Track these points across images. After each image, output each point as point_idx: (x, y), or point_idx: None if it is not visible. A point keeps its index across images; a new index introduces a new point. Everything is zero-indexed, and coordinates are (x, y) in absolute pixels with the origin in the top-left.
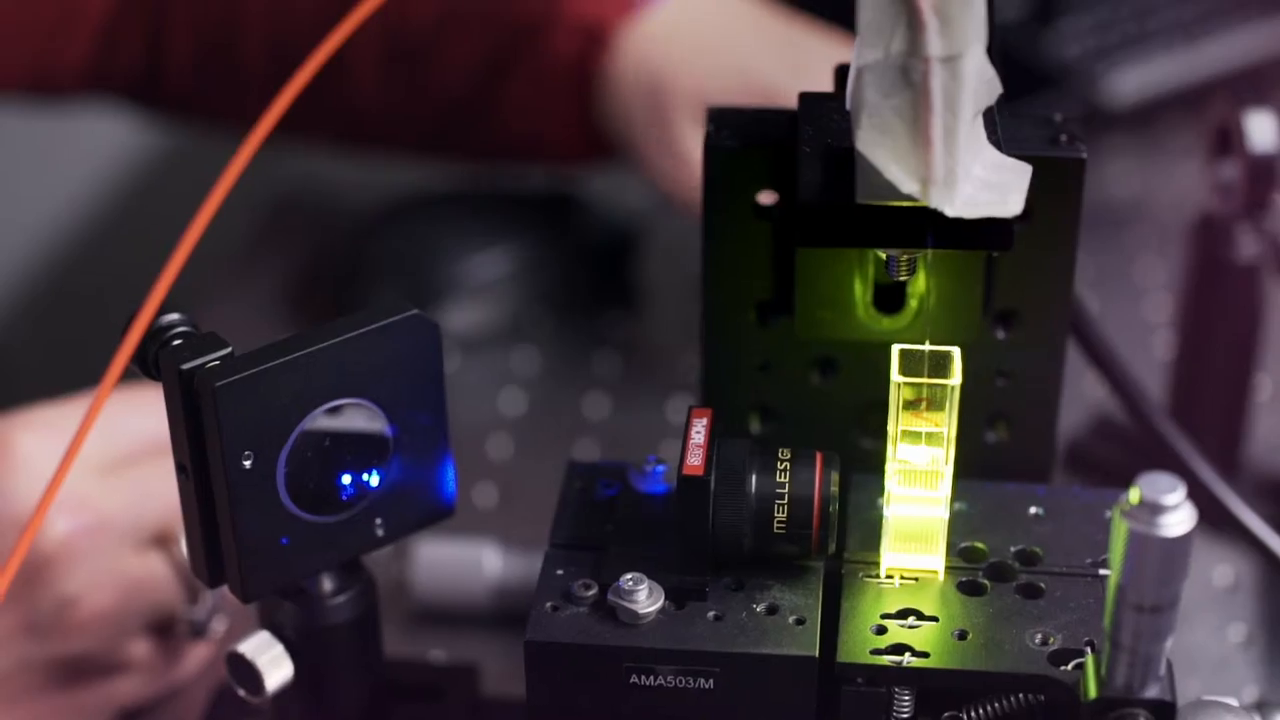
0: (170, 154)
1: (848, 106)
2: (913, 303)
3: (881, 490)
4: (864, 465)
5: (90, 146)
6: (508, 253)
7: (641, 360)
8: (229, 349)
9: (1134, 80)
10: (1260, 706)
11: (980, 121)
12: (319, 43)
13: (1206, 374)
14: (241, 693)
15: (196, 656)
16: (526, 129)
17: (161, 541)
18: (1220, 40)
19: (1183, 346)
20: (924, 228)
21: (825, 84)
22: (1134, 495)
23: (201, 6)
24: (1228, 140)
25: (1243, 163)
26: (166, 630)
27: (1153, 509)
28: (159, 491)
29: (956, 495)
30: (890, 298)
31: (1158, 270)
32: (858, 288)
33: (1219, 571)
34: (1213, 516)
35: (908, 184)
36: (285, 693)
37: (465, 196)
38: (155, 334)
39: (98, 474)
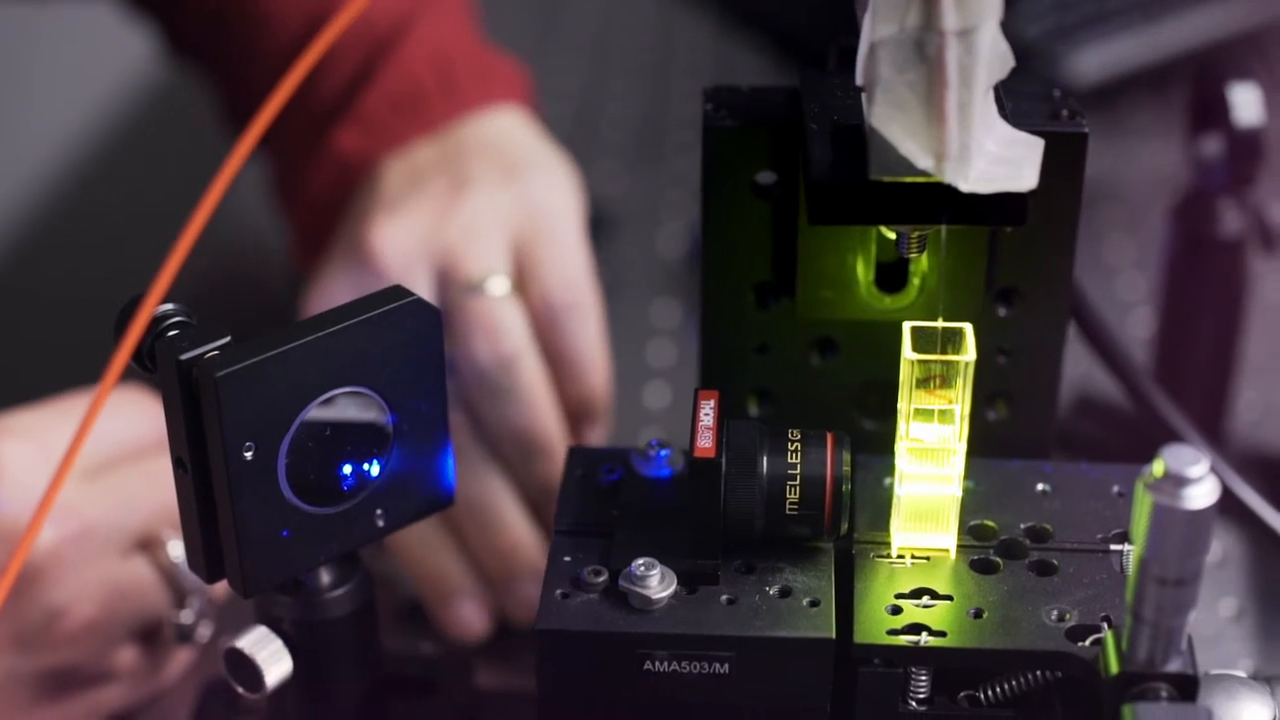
0: (108, 147)
1: (859, 82)
2: (915, 281)
3: (887, 470)
4: (864, 446)
5: (31, 136)
6: None
7: (615, 347)
8: (227, 338)
9: (1095, 60)
10: (1269, 680)
11: (992, 96)
12: None
13: (1190, 350)
14: (239, 690)
15: (181, 660)
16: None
17: (146, 546)
18: (1180, 18)
19: (1165, 323)
20: (938, 203)
21: None
22: (1158, 468)
23: None
24: (1209, 115)
25: (1227, 137)
26: (152, 636)
27: (1177, 481)
28: (141, 495)
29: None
30: (892, 276)
31: (1128, 249)
32: (860, 267)
33: None
34: None
35: (922, 159)
36: (282, 689)
37: None
38: (150, 325)
39: (79, 480)
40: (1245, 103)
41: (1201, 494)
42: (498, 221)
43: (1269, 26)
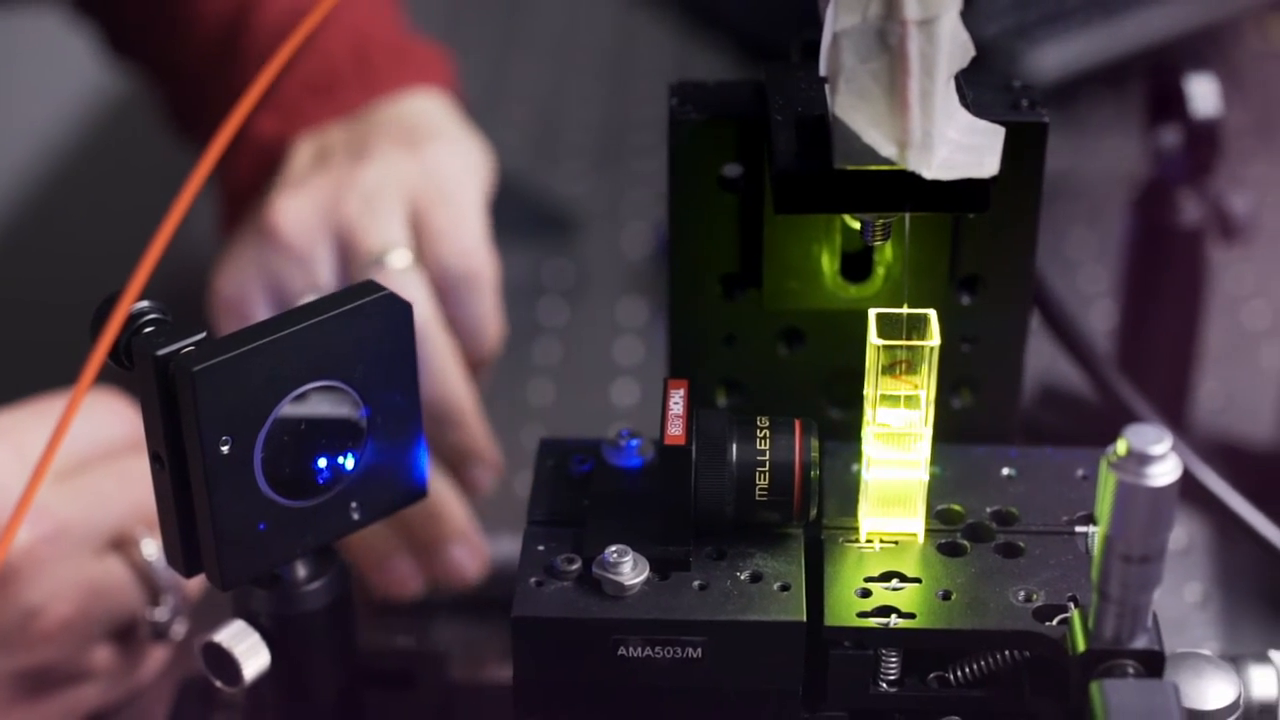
0: (80, 148)
1: (823, 72)
2: (879, 270)
3: (854, 457)
4: (832, 435)
5: (2, 139)
6: None
7: (580, 346)
8: (203, 334)
9: (1054, 57)
10: (1231, 659)
11: (953, 85)
12: None
13: (1151, 340)
14: (217, 683)
15: (157, 658)
16: None
17: (119, 545)
18: (1137, 15)
19: (1125, 314)
20: (902, 191)
21: None
22: (1121, 446)
23: None
24: (1167, 106)
25: (1184, 128)
26: (128, 635)
27: (1140, 459)
28: (113, 494)
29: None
30: (857, 266)
31: (1089, 242)
32: (825, 257)
33: (1172, 533)
34: None
35: (886, 148)
36: (259, 682)
37: None
38: (126, 322)
39: (51, 481)
40: (1202, 94)
41: (1164, 471)
42: (395, 189)
43: (1226, 22)
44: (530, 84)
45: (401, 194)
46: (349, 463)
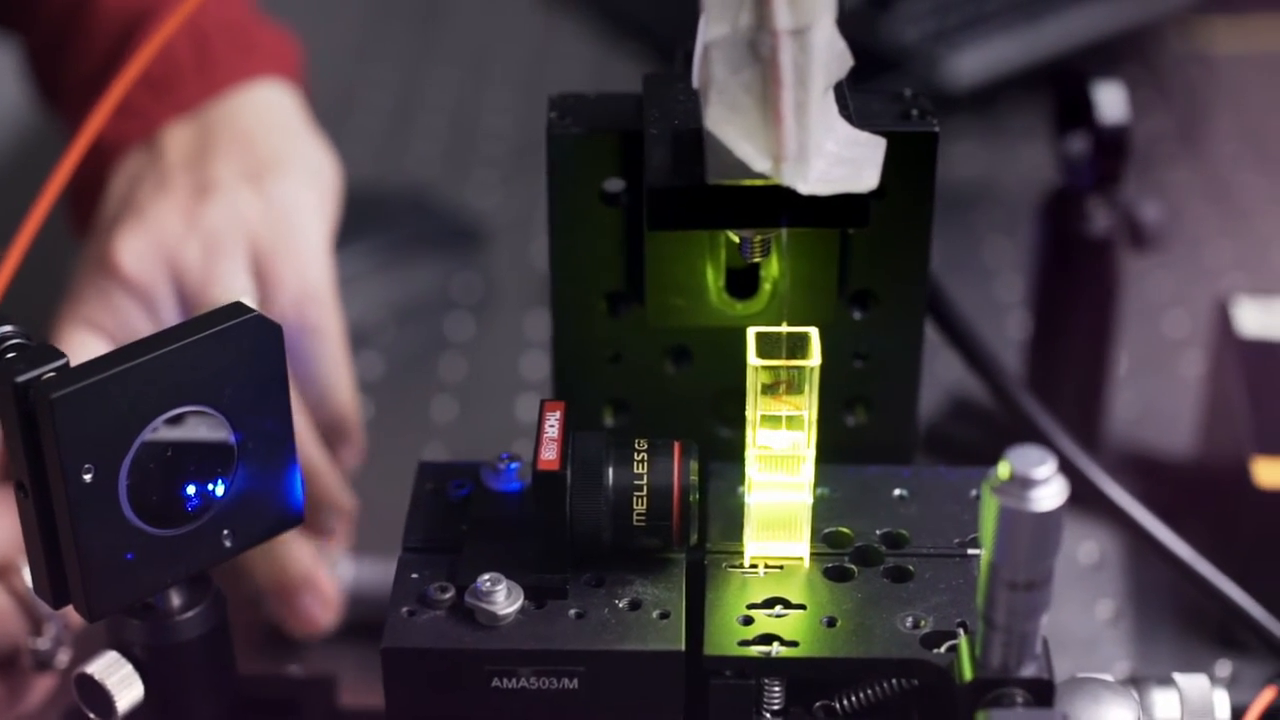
0: None
1: (695, 84)
2: (766, 286)
3: (741, 478)
4: (721, 454)
5: None
6: (347, 257)
7: (486, 361)
8: (65, 359)
9: (974, 62)
10: (1135, 682)
11: (832, 96)
12: None
13: (1063, 350)
14: (92, 716)
15: (41, 688)
16: None
17: None
18: (1058, 20)
19: (1038, 324)
20: (777, 206)
21: None
22: (1004, 470)
23: None
24: (1075, 113)
25: (1093, 135)
26: (10, 665)
27: (1023, 483)
28: None
29: (819, 480)
30: (743, 282)
31: (1006, 250)
32: (709, 273)
33: (1084, 548)
34: (1077, 493)
35: (759, 162)
36: (136, 713)
37: None
38: None
39: None
40: (1109, 101)
41: (1049, 495)
42: (238, 232)
43: (1148, 26)
44: (444, 94)
45: (244, 237)
46: (219, 489)
